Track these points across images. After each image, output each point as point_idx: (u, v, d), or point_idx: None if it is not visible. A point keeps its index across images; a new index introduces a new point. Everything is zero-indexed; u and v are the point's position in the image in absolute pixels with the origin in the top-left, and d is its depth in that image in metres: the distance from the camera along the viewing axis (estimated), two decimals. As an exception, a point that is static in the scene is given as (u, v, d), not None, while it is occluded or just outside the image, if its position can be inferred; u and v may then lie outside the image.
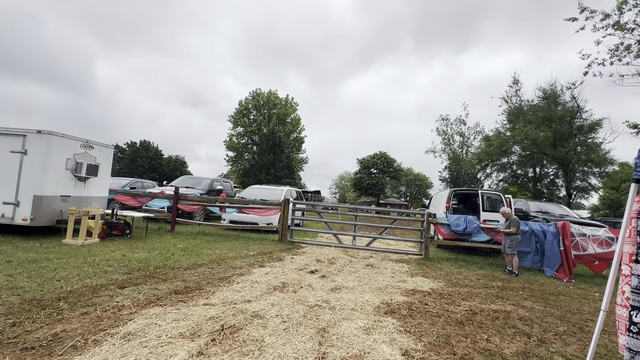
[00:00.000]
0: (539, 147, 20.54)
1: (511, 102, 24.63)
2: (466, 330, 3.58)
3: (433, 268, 7.18)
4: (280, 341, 2.96)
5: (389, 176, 42.01)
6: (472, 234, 8.40)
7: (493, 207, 10.37)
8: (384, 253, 8.72)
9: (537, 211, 11.26)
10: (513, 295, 5.27)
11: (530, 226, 7.94)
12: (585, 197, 24.15)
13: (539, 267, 7.73)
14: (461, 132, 35.03)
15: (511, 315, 4.19)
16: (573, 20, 12.69)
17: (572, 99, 20.70)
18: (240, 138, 40.56)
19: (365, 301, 4.38)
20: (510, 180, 26.14)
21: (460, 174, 32.13)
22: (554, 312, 4.51)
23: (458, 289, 5.41)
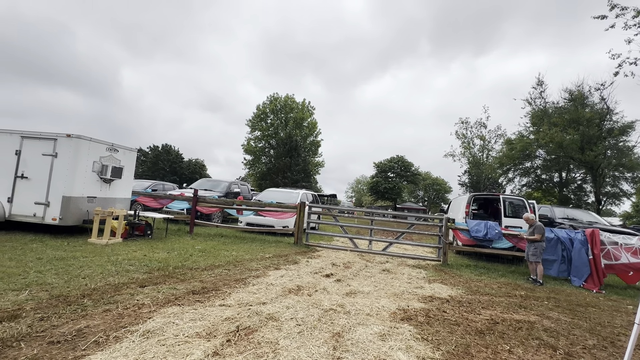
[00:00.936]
0: (565, 150, 19.65)
1: (535, 104, 23.73)
2: (487, 340, 3.45)
3: (452, 275, 6.98)
4: (295, 344, 2.95)
5: (406, 180, 41.40)
6: (493, 241, 8.12)
7: (515, 213, 9.99)
8: (400, 258, 8.57)
9: (563, 218, 10.75)
10: (537, 305, 5.04)
11: (556, 233, 7.59)
12: (617, 203, 22.82)
13: (566, 276, 7.36)
14: (482, 136, 34.07)
15: (535, 326, 4.00)
16: (602, 18, 12.15)
17: (601, 100, 19.73)
18: (257, 142, 41.17)
19: (381, 307, 4.31)
20: (534, 185, 25.12)
21: (480, 178, 31.22)
22: (582, 325, 4.27)
23: (478, 297, 5.23)
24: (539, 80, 23.32)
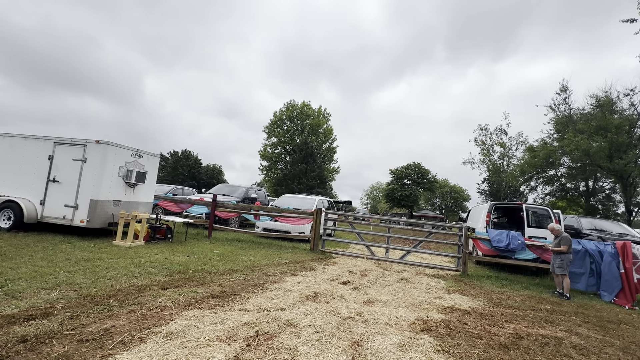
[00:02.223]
0: (592, 158, 18.84)
1: (559, 111, 22.96)
2: (511, 355, 3.32)
3: (472, 285, 6.78)
4: (314, 352, 2.94)
5: (423, 187, 40.72)
6: (516, 251, 7.84)
7: (539, 223, 9.62)
8: (418, 267, 8.40)
9: (591, 229, 10.26)
10: (565, 321, 4.81)
11: (583, 245, 7.25)
12: (649, 214, 21.61)
13: (595, 290, 7.00)
14: (502, 143, 33.17)
15: (563, 343, 3.82)
16: (632, 21, 11.71)
17: (631, 106, 18.88)
18: (274, 148, 41.71)
19: (399, 316, 4.23)
20: (558, 194, 24.17)
21: (500, 186, 30.32)
22: (614, 343, 4.04)
23: (501, 310, 5.05)
24: (563, 86, 22.59)
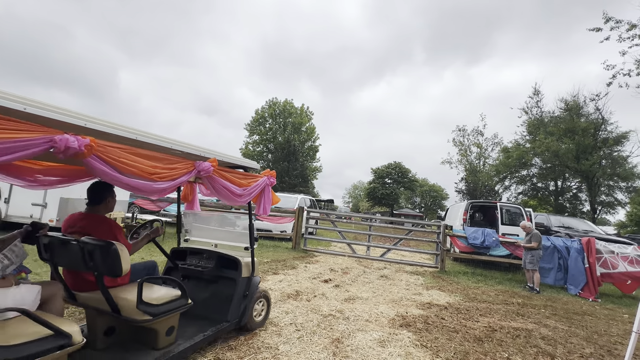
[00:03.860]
0: (560, 159, 19.88)
1: (531, 113, 24.04)
2: (485, 347, 3.46)
3: (449, 281, 7.00)
4: (295, 350, 2.94)
5: (403, 187, 41.54)
6: (491, 248, 8.16)
7: (512, 221, 10.05)
8: (398, 264, 8.58)
9: (559, 226, 10.83)
10: (534, 313, 5.06)
11: (552, 241, 7.64)
12: (611, 212, 23.03)
13: (562, 284, 7.40)
14: (478, 143, 34.38)
15: (533, 334, 4.02)
16: (597, 30, 12.43)
17: (596, 110, 20.04)
18: (255, 146, 41.21)
19: (379, 313, 4.31)
20: (530, 194, 25.31)
21: (477, 185, 31.41)
22: (579, 333, 4.29)
23: (476, 304, 5.24)
24: (535, 90, 23.67)
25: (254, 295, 3.23)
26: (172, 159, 2.20)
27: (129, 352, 2.30)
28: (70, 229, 2.41)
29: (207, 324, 2.85)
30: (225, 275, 3.20)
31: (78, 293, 2.35)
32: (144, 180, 1.95)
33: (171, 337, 2.44)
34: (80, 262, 2.15)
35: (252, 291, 3.21)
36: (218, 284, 3.25)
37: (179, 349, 2.41)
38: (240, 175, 2.83)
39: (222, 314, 2.98)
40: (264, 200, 3.11)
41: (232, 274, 3.17)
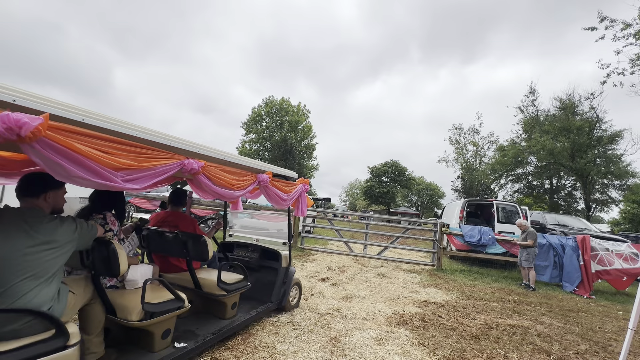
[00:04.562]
0: (556, 158, 20.03)
1: (527, 112, 24.19)
2: (482, 345, 3.47)
3: (446, 279, 7.02)
4: (292, 349, 2.93)
5: (400, 185, 41.63)
6: (487, 246, 8.20)
7: (508, 219, 10.12)
8: (395, 262, 8.60)
9: (554, 224, 10.92)
10: (530, 311, 5.10)
11: (548, 239, 7.70)
12: (605, 210, 23.30)
13: (558, 282, 7.46)
14: (474, 142, 34.53)
15: (529, 331, 4.05)
16: (592, 29, 12.50)
17: (591, 109, 20.21)
18: (252, 144, 41.05)
19: (377, 311, 4.32)
20: (525, 192, 25.51)
21: (473, 184, 31.59)
22: (574, 330, 4.33)
23: (472, 302, 5.27)
24: (531, 89, 23.81)
25: (291, 282, 3.90)
26: (243, 173, 2.82)
27: (204, 320, 3.00)
28: (160, 223, 3.20)
29: (257, 303, 3.56)
30: (268, 265, 3.90)
31: (165, 274, 3.00)
32: (228, 189, 2.55)
33: (235, 310, 3.18)
34: (175, 250, 2.93)
35: (290, 278, 3.89)
36: (262, 272, 3.90)
37: (239, 320, 3.09)
38: (285, 183, 3.46)
39: (267, 296, 3.69)
40: (301, 203, 3.74)
41: (274, 264, 3.86)
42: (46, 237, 1.68)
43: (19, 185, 1.83)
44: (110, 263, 2.00)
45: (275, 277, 3.79)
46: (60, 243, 1.74)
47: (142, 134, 1.89)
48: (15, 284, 1.56)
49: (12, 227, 1.62)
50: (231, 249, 4.23)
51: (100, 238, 2.07)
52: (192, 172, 2.16)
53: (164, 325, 2.33)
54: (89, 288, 2.10)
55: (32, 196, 1.83)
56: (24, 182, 1.85)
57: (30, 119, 1.27)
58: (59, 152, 1.40)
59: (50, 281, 1.70)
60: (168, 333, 2.39)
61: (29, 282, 1.60)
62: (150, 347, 2.30)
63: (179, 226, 3.12)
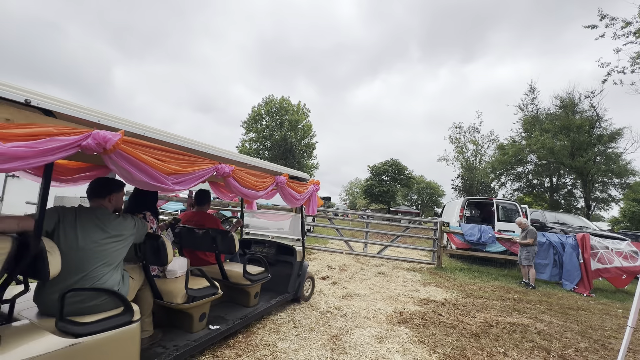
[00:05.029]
0: (556, 156, 20.03)
1: (527, 110, 24.17)
2: (482, 342, 3.49)
3: (446, 278, 7.04)
4: (293, 347, 2.95)
5: (400, 184, 41.63)
6: (487, 244, 8.21)
7: (508, 217, 10.13)
8: (395, 261, 8.61)
9: (554, 222, 10.94)
10: (530, 309, 5.11)
11: (547, 237, 7.71)
12: (605, 208, 23.32)
13: (557, 280, 7.48)
14: (474, 140, 34.51)
15: (529, 329, 4.06)
16: (593, 27, 12.48)
17: (591, 107, 20.19)
18: (252, 143, 41.03)
19: (377, 309, 4.33)
20: (525, 190, 25.51)
21: (473, 182, 31.59)
22: (574, 328, 4.34)
23: (472, 300, 5.28)
24: (531, 87, 23.79)
25: (305, 275, 4.29)
26: (264, 175, 3.11)
27: (230, 308, 3.35)
28: (189, 222, 3.57)
29: (274, 294, 3.94)
30: (284, 259, 4.27)
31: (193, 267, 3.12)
32: (252, 190, 2.87)
33: (257, 299, 3.53)
34: (204, 245, 3.30)
35: (304, 272, 4.25)
36: (278, 266, 4.23)
37: (261, 308, 3.44)
38: (298, 184, 3.74)
39: (284, 288, 4.05)
40: (312, 202, 4.04)
41: (289, 259, 4.24)
42: (114, 231, 2.04)
43: (89, 189, 2.20)
44: (160, 254, 2.40)
45: (290, 270, 4.16)
46: (124, 236, 2.11)
47: (187, 144, 2.28)
48: (93, 269, 1.92)
49: (88, 223, 1.97)
50: (249, 245, 4.57)
51: (150, 233, 2.46)
52: (224, 175, 2.52)
53: (201, 309, 2.71)
54: (141, 275, 2.47)
55: (100, 197, 2.18)
56: (93, 186, 2.21)
57: (112, 136, 1.62)
58: (128, 161, 1.75)
59: (117, 268, 2.07)
60: (204, 316, 2.75)
61: (103, 268, 1.96)
62: (190, 328, 2.67)
63: (205, 224, 3.47)
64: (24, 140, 1.39)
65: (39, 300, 1.89)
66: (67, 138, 1.52)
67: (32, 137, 1.41)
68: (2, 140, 1.33)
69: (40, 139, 1.43)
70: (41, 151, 1.42)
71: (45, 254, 1.66)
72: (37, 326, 1.69)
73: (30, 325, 1.71)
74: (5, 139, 1.33)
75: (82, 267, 1.90)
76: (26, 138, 1.40)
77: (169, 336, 2.57)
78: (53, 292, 1.82)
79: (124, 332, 1.89)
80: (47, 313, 1.86)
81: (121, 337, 1.88)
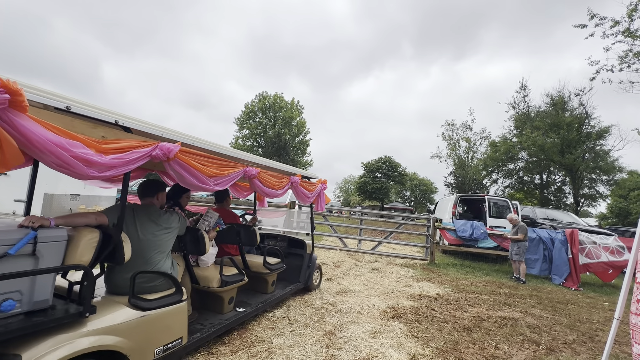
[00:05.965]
0: (546, 153, 20.33)
1: (518, 108, 24.44)
2: (474, 336, 3.55)
3: (439, 273, 7.13)
4: (288, 343, 2.96)
5: (393, 180, 41.89)
6: (479, 240, 8.33)
7: (500, 213, 10.28)
8: (389, 257, 8.68)
9: (544, 218, 11.14)
10: (521, 303, 5.22)
11: (538, 233, 7.85)
12: (593, 205, 23.78)
13: (547, 274, 7.63)
14: (467, 138, 34.82)
15: (519, 323, 4.15)
16: (582, 27, 12.65)
17: (580, 105, 20.52)
18: (245, 140, 40.77)
19: (371, 305, 4.37)
20: (516, 187, 25.86)
21: (465, 179, 31.92)
22: (562, 321, 4.45)
23: (465, 295, 5.37)
24: (522, 85, 24.03)
25: (314, 266, 4.72)
26: (281, 176, 3.57)
27: (251, 294, 3.73)
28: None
29: (287, 283, 4.34)
30: (295, 252, 4.68)
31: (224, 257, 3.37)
32: (272, 189, 3.29)
33: (274, 287, 3.94)
34: (229, 238, 3.61)
35: (313, 263, 4.67)
36: (290, 258, 4.59)
37: (277, 295, 3.86)
38: (308, 183, 4.14)
39: (295, 277, 4.47)
40: (321, 200, 4.43)
41: (300, 251, 4.66)
42: (165, 224, 2.45)
43: (140, 189, 2.60)
44: (199, 244, 2.81)
45: (301, 262, 4.57)
46: (172, 229, 2.51)
47: (223, 151, 2.74)
48: (151, 256, 2.33)
49: (144, 218, 2.37)
50: (262, 239, 4.87)
51: (189, 226, 2.86)
52: (251, 177, 2.93)
53: (230, 293, 3.11)
54: (183, 263, 2.87)
55: (149, 196, 2.58)
56: (144, 187, 2.60)
57: (173, 147, 2.03)
58: (182, 167, 2.14)
59: (168, 256, 2.48)
60: (232, 300, 3.16)
61: (158, 255, 2.37)
62: (221, 309, 3.06)
63: (226, 220, 3.76)
64: (116, 153, 1.76)
65: (110, 281, 2.28)
66: (142, 150, 1.90)
67: (121, 150, 1.80)
68: (104, 153, 1.68)
69: (126, 151, 1.82)
70: (127, 161, 1.81)
71: (121, 242, 2.03)
72: (115, 301, 2.09)
73: (110, 299, 2.12)
74: (105, 153, 1.70)
75: (143, 254, 2.29)
76: (118, 151, 1.77)
77: (203, 316, 2.94)
78: (123, 274, 2.21)
79: (177, 309, 2.31)
80: (115, 292, 2.25)
81: (175, 312, 2.29)
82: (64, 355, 1.59)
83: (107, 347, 1.82)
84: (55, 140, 1.46)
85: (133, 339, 1.98)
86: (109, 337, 1.84)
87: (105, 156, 1.67)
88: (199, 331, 2.62)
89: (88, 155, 1.59)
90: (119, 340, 1.89)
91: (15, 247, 1.57)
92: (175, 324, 2.30)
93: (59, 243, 1.76)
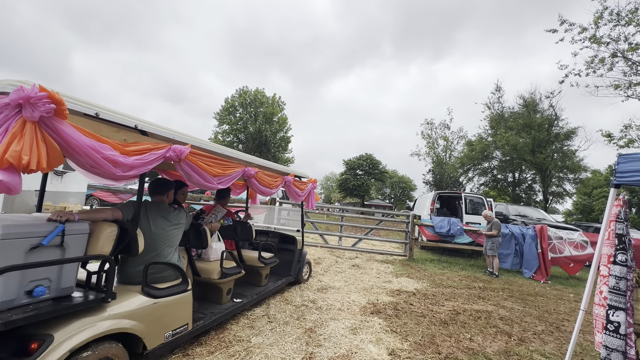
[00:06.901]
0: (518, 152, 21.25)
1: (493, 109, 25.36)
2: (450, 329, 3.65)
3: (417, 269, 7.29)
4: (267, 341, 2.92)
5: (374, 178, 42.42)
6: (455, 236, 8.58)
7: (475, 210, 10.63)
8: (369, 254, 8.79)
9: (516, 215, 11.63)
10: (494, 296, 5.42)
11: (510, 229, 8.18)
12: (560, 202, 25.20)
13: (518, 268, 7.98)
14: (445, 137, 35.79)
15: (492, 315, 4.30)
16: (554, 31, 13.23)
17: (550, 107, 21.56)
18: (225, 136, 39.90)
19: (351, 301, 4.40)
20: (490, 185, 26.89)
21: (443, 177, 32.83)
22: (532, 312, 4.66)
23: (442, 290, 5.51)
24: (497, 86, 24.93)
25: (304, 261, 4.96)
26: (275, 175, 3.81)
27: (246, 287, 3.95)
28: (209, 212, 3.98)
29: (279, 277, 4.55)
30: (286, 247, 4.90)
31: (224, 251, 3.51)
32: (267, 188, 3.52)
33: (267, 280, 4.19)
34: (226, 233, 3.83)
35: (303, 258, 4.91)
36: (281, 253, 4.76)
37: (270, 288, 4.09)
38: (299, 182, 4.38)
39: (286, 271, 4.70)
40: (311, 198, 4.65)
41: (291, 247, 4.89)
42: (174, 220, 2.66)
43: (151, 187, 2.79)
44: (201, 239, 3.04)
45: (292, 257, 4.79)
46: (181, 224, 2.73)
47: (227, 152, 2.95)
48: (162, 248, 2.55)
49: (155, 214, 2.58)
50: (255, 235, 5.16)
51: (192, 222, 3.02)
52: (249, 176, 3.14)
53: (228, 285, 3.34)
54: (186, 255, 3.06)
55: (160, 194, 2.76)
56: (155, 185, 2.78)
57: (185, 149, 2.23)
58: (191, 167, 2.35)
59: (176, 249, 2.70)
60: (230, 291, 3.38)
61: (168, 248, 2.59)
62: (219, 300, 3.28)
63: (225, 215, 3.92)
64: (137, 155, 1.94)
65: (123, 271, 2.46)
66: (158, 152, 2.07)
67: (141, 152, 1.98)
68: (127, 155, 1.86)
69: (145, 153, 2.01)
70: (146, 162, 2.00)
71: (136, 236, 2.22)
72: (130, 289, 2.28)
73: (125, 288, 2.30)
74: (128, 154, 1.88)
75: (154, 247, 2.49)
76: (138, 152, 1.95)
77: (204, 306, 3.15)
78: (136, 265, 2.43)
79: (183, 297, 2.53)
80: (127, 281, 2.43)
81: (182, 300, 2.52)
82: (90, 336, 1.80)
83: (125, 330, 2.02)
84: (89, 143, 1.65)
85: (147, 323, 2.19)
86: (127, 321, 2.05)
87: (129, 157, 1.88)
88: (201, 319, 2.82)
89: (115, 157, 1.78)
90: (135, 324, 2.10)
91: (47, 238, 1.75)
92: (182, 311, 2.51)
93: (83, 235, 1.97)
